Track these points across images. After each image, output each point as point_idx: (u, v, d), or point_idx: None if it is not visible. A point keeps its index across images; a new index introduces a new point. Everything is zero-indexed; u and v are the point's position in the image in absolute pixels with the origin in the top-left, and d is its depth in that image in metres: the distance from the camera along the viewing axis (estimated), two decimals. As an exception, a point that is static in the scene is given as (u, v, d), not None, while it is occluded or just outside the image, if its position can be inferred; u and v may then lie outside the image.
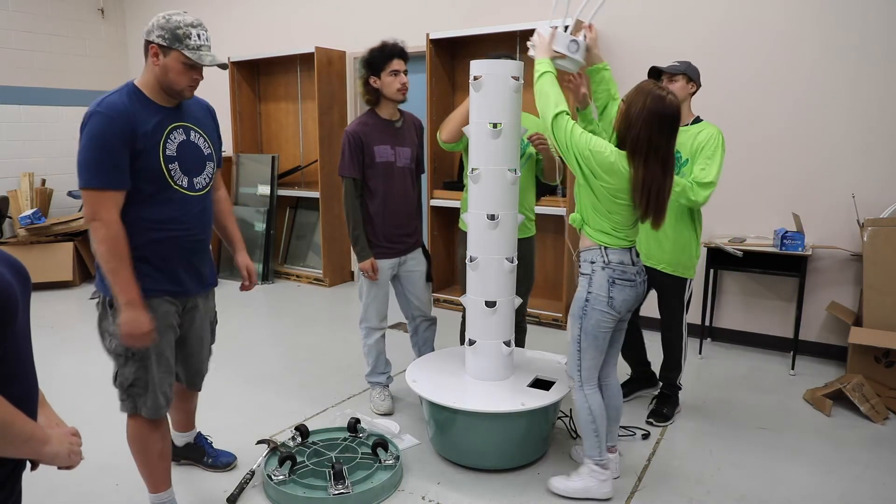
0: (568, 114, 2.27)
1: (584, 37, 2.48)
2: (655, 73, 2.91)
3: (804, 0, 3.70)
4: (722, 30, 3.95)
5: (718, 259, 3.78)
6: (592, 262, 2.32)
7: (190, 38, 1.93)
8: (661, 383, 3.18)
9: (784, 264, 3.63)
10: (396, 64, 2.88)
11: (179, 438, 2.63)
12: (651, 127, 2.16)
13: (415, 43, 4.82)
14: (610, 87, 2.64)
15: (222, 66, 2.01)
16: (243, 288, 2.42)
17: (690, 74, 2.85)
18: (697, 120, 2.91)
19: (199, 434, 2.67)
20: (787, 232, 3.59)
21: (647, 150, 2.17)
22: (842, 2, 3.60)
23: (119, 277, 1.89)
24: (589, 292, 2.32)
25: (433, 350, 3.32)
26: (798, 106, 3.79)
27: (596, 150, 2.20)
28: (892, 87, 3.54)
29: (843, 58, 3.64)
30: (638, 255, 2.39)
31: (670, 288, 2.99)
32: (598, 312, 2.30)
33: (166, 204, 1.99)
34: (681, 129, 2.79)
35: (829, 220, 3.77)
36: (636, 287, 2.34)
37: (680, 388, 3.14)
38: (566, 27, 2.46)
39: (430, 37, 4.66)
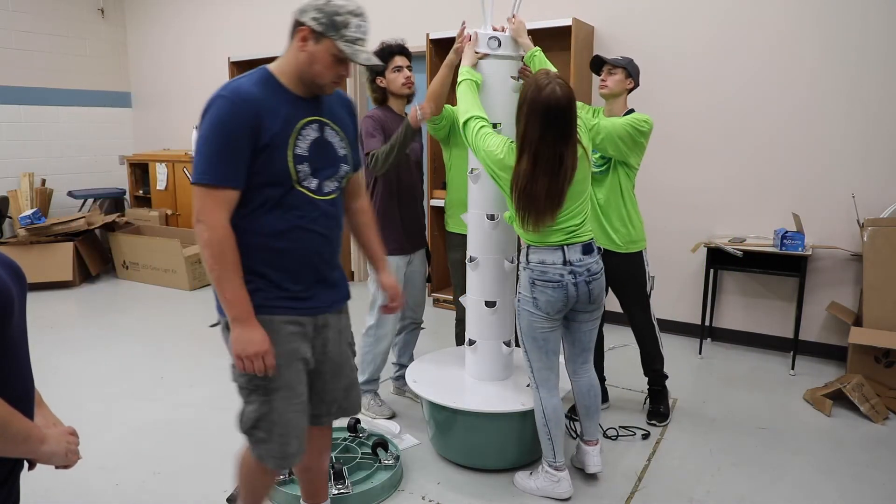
0: (479, 118, 2.28)
1: (509, 30, 2.52)
2: (598, 62, 2.93)
3: (804, 1, 3.70)
4: (723, 31, 3.94)
5: (718, 259, 3.78)
6: (520, 262, 2.33)
7: (348, 28, 1.62)
8: (647, 379, 3.15)
9: (784, 264, 3.63)
10: (399, 60, 2.91)
11: None
12: (528, 119, 2.10)
13: (415, 43, 4.82)
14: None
15: (374, 67, 1.77)
16: (388, 310, 2.10)
17: (630, 70, 2.88)
18: (630, 111, 2.90)
19: None
20: (787, 232, 3.59)
21: (522, 143, 2.12)
22: (842, 2, 3.60)
23: (225, 287, 1.61)
24: (519, 292, 2.33)
25: (412, 355, 3.31)
26: (798, 106, 3.79)
27: (489, 150, 2.21)
28: (892, 87, 3.54)
29: (843, 58, 3.64)
30: (588, 252, 2.30)
31: (626, 269, 2.94)
32: (526, 313, 2.30)
33: (290, 210, 1.68)
34: (614, 119, 2.83)
35: (829, 220, 3.76)
36: (565, 288, 2.24)
37: (667, 378, 3.13)
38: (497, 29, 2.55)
39: (430, 37, 4.66)
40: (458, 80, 2.40)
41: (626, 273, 2.96)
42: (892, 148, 3.58)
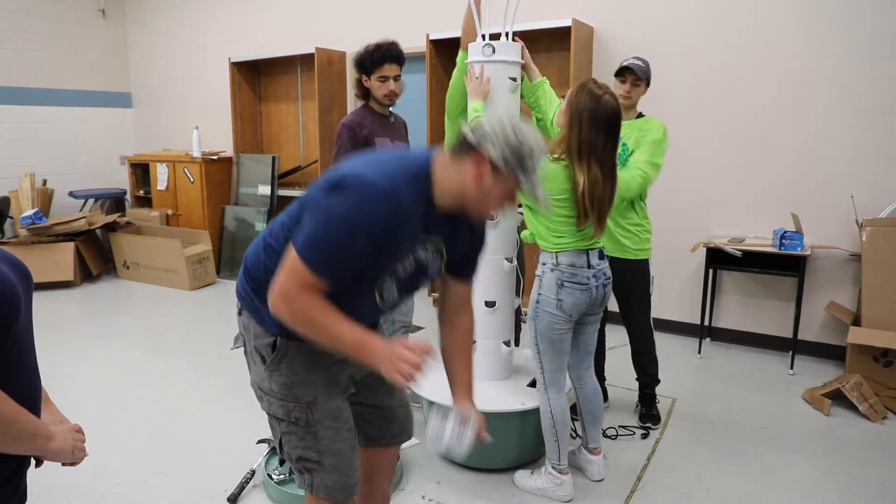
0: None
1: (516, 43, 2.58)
2: (625, 71, 2.94)
3: (804, 1, 3.71)
4: (722, 31, 3.95)
5: (718, 259, 3.79)
6: (544, 264, 2.33)
7: (532, 160, 1.45)
8: (639, 382, 3.16)
9: (783, 264, 3.64)
10: (387, 69, 2.79)
11: None
12: (589, 127, 2.14)
13: (415, 43, 4.83)
14: (542, 102, 2.63)
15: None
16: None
17: (649, 80, 2.95)
18: (640, 115, 2.97)
19: None
20: (786, 232, 3.60)
21: (585, 151, 2.15)
22: (842, 2, 3.61)
23: (331, 335, 1.43)
24: (539, 293, 2.32)
25: None
26: (798, 107, 3.80)
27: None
28: (891, 87, 3.55)
29: (842, 58, 3.64)
30: (603, 257, 2.36)
31: (634, 276, 2.96)
32: (547, 314, 2.30)
33: (344, 297, 1.48)
34: (625, 123, 2.82)
35: (828, 220, 3.77)
36: (590, 291, 2.29)
37: (659, 383, 3.14)
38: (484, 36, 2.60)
39: (430, 37, 4.67)
40: (473, 114, 2.43)
41: (634, 278, 2.96)
42: (891, 148, 3.59)
